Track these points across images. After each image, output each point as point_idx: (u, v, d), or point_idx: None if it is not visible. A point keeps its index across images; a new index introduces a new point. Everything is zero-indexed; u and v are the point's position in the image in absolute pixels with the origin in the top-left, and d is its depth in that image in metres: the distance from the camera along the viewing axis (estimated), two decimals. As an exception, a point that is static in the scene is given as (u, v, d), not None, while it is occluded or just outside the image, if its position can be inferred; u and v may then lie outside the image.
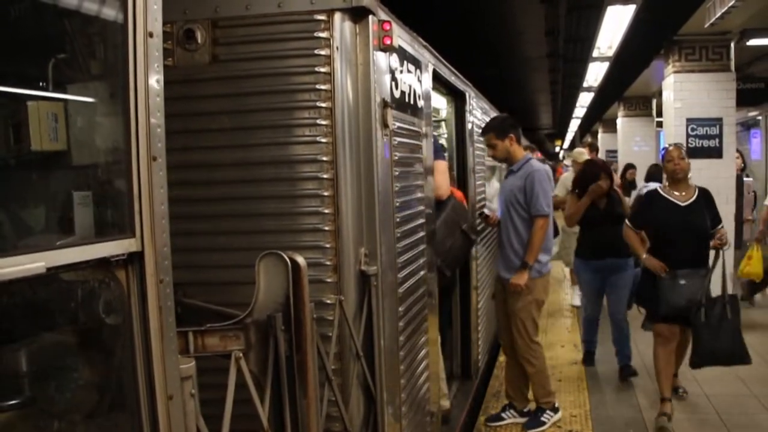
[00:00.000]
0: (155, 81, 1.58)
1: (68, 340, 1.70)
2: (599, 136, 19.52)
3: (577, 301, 10.03)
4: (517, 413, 5.38)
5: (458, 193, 5.03)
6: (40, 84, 1.75)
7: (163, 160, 1.61)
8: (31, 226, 1.70)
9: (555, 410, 5.35)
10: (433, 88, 4.32)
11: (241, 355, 2.10)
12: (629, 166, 12.40)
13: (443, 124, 6.02)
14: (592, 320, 6.87)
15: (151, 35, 1.56)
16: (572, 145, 31.48)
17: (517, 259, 5.00)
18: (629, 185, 11.55)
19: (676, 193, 5.21)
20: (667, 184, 5.42)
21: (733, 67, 8.44)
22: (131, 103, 1.53)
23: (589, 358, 6.90)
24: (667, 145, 5.77)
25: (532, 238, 4.92)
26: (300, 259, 2.32)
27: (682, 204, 5.14)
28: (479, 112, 6.39)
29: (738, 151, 9.19)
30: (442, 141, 5.70)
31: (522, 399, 5.41)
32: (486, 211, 5.95)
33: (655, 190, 5.46)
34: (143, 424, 1.56)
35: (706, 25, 7.21)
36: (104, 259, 1.48)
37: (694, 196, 5.18)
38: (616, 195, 6.58)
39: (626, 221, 5.53)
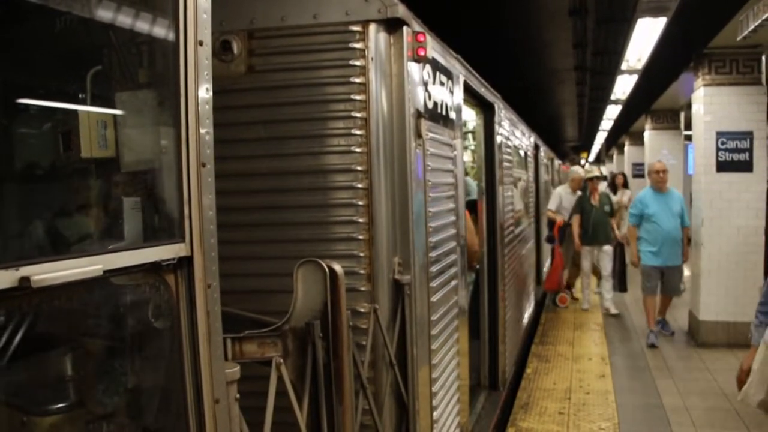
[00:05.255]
0: (204, 89, 1.61)
1: (119, 344, 1.72)
2: (625, 149, 19.34)
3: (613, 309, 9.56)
4: None
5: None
6: (93, 95, 1.78)
7: (212, 167, 1.63)
8: (86, 231, 1.73)
9: None
10: (463, 100, 4.33)
11: (281, 361, 2.11)
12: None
13: (471, 135, 6.03)
14: None
15: (201, 44, 1.59)
16: (598, 158, 31.28)
17: None
18: None
19: None
20: None
21: (764, 81, 8.33)
22: (182, 110, 1.56)
23: None
24: None
25: None
26: (337, 267, 2.33)
27: None
28: (507, 124, 6.39)
29: None
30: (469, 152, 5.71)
31: None
32: None
33: None
34: (190, 427, 1.58)
35: (738, 39, 7.11)
36: (155, 263, 1.50)
37: None
38: None
39: None
